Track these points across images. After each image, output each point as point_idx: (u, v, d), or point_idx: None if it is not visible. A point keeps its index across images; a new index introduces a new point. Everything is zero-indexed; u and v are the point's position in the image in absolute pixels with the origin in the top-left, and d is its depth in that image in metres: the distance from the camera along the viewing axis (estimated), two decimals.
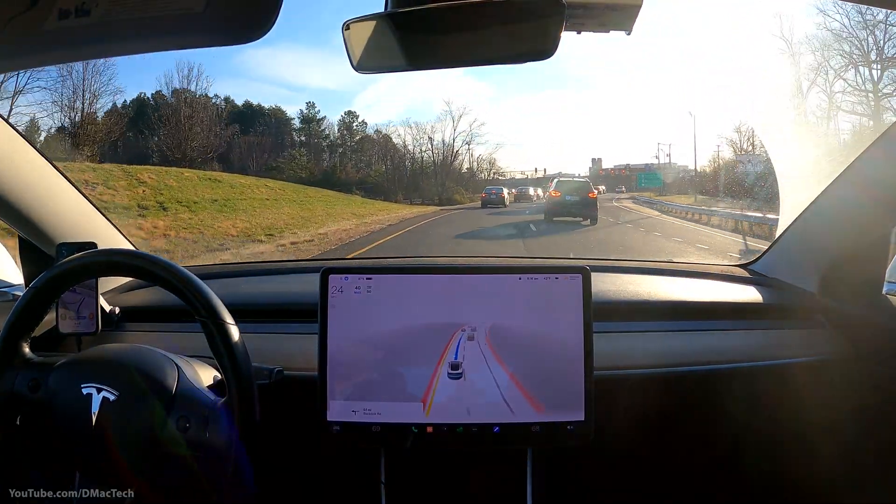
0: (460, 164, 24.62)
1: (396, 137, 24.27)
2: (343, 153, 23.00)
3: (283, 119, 22.25)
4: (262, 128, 21.04)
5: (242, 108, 21.17)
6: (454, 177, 24.04)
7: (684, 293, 1.16)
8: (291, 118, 22.52)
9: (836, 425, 1.05)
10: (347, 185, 20.55)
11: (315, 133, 22.84)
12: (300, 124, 22.66)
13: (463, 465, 0.93)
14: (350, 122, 23.29)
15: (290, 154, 21.18)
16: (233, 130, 19.61)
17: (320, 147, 22.57)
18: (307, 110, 22.85)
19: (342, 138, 23.08)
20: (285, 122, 22.22)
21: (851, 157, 0.98)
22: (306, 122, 22.73)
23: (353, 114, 23.64)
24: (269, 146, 20.45)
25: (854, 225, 1.05)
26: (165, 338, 1.05)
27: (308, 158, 21.60)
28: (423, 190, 22.60)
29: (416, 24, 0.69)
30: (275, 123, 21.58)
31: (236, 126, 19.86)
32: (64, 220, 1.07)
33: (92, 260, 0.76)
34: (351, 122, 23.29)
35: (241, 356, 0.73)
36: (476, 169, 24.72)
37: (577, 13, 0.78)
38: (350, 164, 22.65)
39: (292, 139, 21.85)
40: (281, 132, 21.50)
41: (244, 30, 0.57)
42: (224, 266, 1.45)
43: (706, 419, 1.08)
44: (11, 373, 0.73)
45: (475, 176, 24.74)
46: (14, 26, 0.55)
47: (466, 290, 0.85)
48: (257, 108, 21.64)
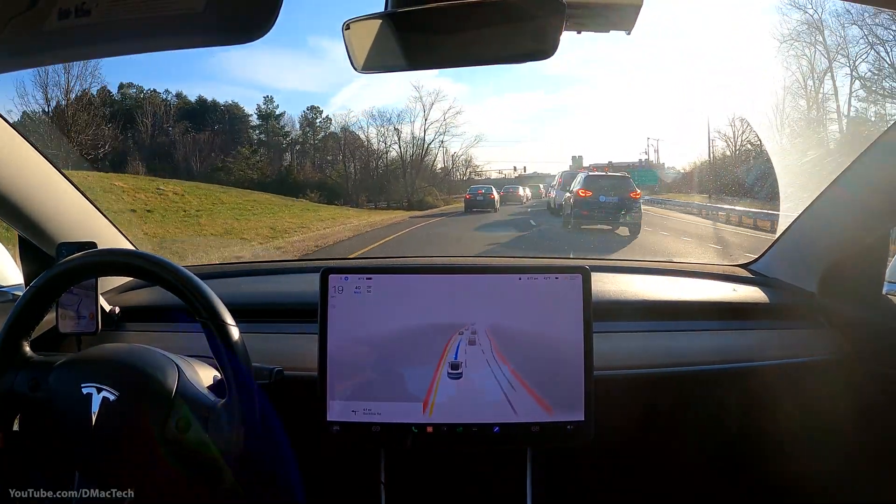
0: (433, 161, 21.38)
1: (358, 130, 21.43)
2: (302, 151, 20.68)
3: (240, 116, 20.13)
4: (218, 125, 19.12)
5: (195, 105, 19.23)
6: (426, 176, 20.96)
7: (684, 293, 1.16)
8: (249, 115, 20.39)
9: (836, 425, 1.05)
10: (304, 186, 18.20)
11: (273, 130, 20.50)
12: (258, 121, 20.41)
13: (463, 465, 0.93)
14: (313, 118, 20.73)
15: (239, 153, 18.75)
16: (183, 127, 17.89)
17: (278, 145, 20.40)
18: (265, 105, 20.52)
19: (304, 136, 20.73)
20: (242, 118, 20.10)
21: (852, 157, 0.98)
22: (263, 118, 20.41)
23: (316, 109, 21.02)
24: (219, 144, 18.46)
25: (854, 225, 1.05)
26: (165, 338, 1.05)
27: (260, 157, 19.34)
28: (390, 191, 19.94)
29: (417, 24, 0.69)
30: (229, 120, 19.57)
31: (186, 123, 18.07)
32: (64, 219, 1.07)
33: (92, 259, 0.76)
34: (314, 119, 20.75)
35: (242, 356, 0.73)
36: (451, 166, 21.67)
37: (577, 13, 0.78)
38: (309, 163, 20.37)
39: (249, 136, 19.92)
40: (236, 129, 19.72)
41: (244, 30, 0.57)
42: (224, 266, 1.45)
43: (706, 419, 1.08)
44: (11, 372, 0.73)
45: (450, 175, 21.84)
46: (14, 26, 0.55)
47: (466, 290, 0.85)
48: (211, 104, 19.51)
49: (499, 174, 21.81)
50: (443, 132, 21.79)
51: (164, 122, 17.27)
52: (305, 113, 21.00)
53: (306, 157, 20.52)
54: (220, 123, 19.21)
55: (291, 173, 19.34)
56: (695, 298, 1.14)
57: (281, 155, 20.26)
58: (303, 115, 20.91)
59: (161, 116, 17.43)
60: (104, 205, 1.23)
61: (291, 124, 20.74)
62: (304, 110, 21.77)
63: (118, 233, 1.22)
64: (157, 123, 17.21)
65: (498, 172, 22.00)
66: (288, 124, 20.66)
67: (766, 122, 14.83)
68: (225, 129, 19.24)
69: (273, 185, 17.38)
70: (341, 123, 21.16)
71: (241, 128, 19.84)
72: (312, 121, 20.77)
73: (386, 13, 0.67)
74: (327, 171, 20.25)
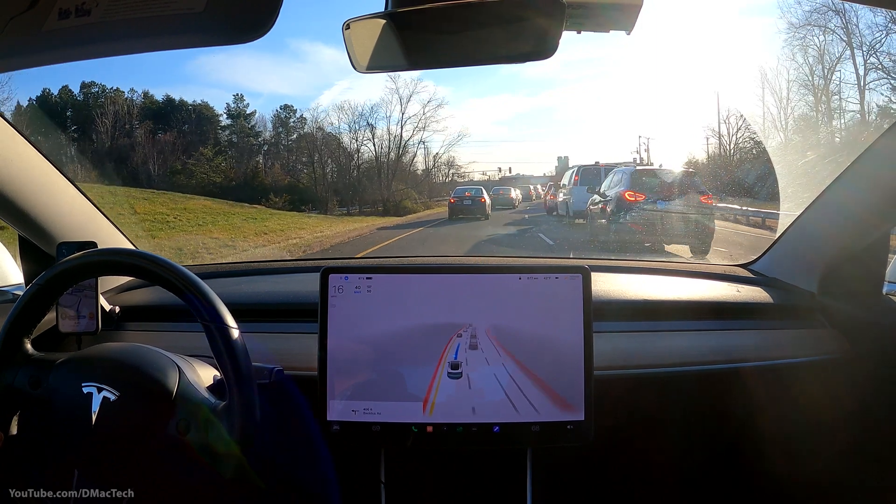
0: (411, 160, 19.32)
1: (329, 126, 19.66)
2: (274, 153, 19.14)
3: (209, 116, 18.75)
4: (186, 125, 17.83)
5: (162, 104, 18.00)
6: (404, 177, 18.75)
7: (684, 293, 1.16)
8: (219, 115, 19.11)
9: (836, 425, 1.05)
10: (271, 190, 16.62)
11: (243, 130, 19.10)
12: (228, 121, 19.08)
13: (463, 464, 0.93)
14: (286, 117, 19.32)
15: (202, 154, 17.26)
16: (147, 128, 16.58)
17: (248, 146, 18.97)
18: (234, 104, 19.14)
19: (276, 136, 19.36)
20: (211, 119, 18.77)
21: (852, 157, 0.98)
22: (233, 117, 19.05)
23: (289, 108, 19.52)
24: (181, 146, 17.13)
25: (854, 225, 1.05)
26: (166, 337, 1.05)
27: (224, 159, 17.84)
28: (364, 194, 17.88)
29: (417, 24, 0.69)
30: (197, 120, 18.26)
31: (150, 123, 16.80)
32: (64, 219, 1.07)
33: (92, 259, 0.76)
34: (287, 118, 19.34)
35: (242, 357, 0.73)
36: (432, 166, 19.43)
37: (578, 13, 0.78)
38: (279, 165, 18.82)
39: (216, 137, 18.51)
40: (204, 130, 18.39)
41: (244, 30, 0.57)
42: (224, 266, 1.45)
43: (706, 419, 1.08)
44: (12, 369, 0.73)
45: (431, 176, 19.76)
46: (14, 26, 0.55)
47: (466, 290, 0.85)
48: (179, 103, 18.22)
49: (482, 175, 20.58)
50: (422, 128, 19.76)
51: (126, 123, 16.19)
52: (278, 112, 19.71)
53: (277, 159, 19.20)
54: (187, 124, 18.06)
55: (258, 176, 18.03)
56: (695, 298, 1.14)
57: (249, 156, 18.92)
58: (275, 115, 19.69)
59: (123, 117, 16.33)
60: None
61: (264, 124, 19.56)
62: (276, 109, 20.20)
63: (118, 233, 1.22)
64: (119, 124, 16.11)
65: (482, 174, 20.86)
66: (259, 124, 19.49)
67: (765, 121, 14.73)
68: (192, 129, 18.06)
69: (237, 189, 16.14)
70: (315, 123, 19.67)
71: (209, 128, 18.67)
72: (286, 120, 19.46)
73: (386, 13, 0.67)
74: (299, 173, 18.70)
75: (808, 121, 14.58)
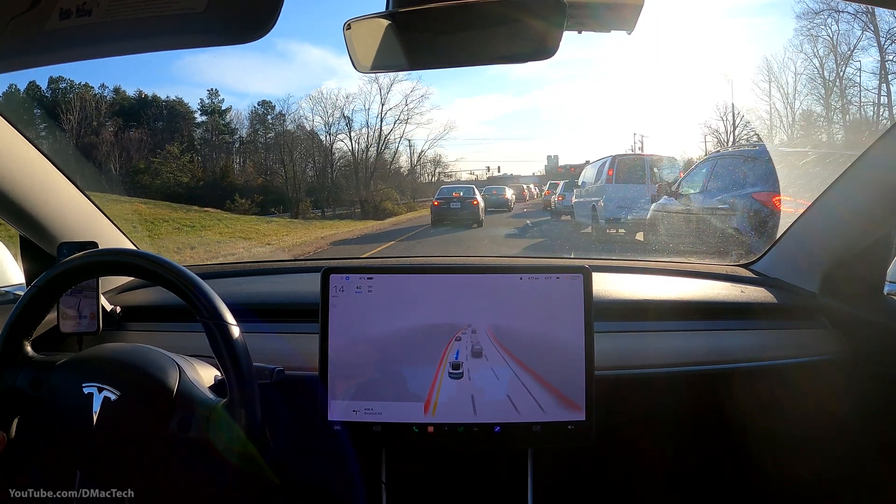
0: (393, 157, 17.41)
1: (304, 120, 18.07)
2: (251, 150, 17.65)
3: (183, 112, 17.62)
4: (160, 122, 16.78)
5: (133, 100, 16.93)
6: (385, 175, 16.77)
7: (685, 293, 1.16)
8: (194, 111, 17.96)
9: (837, 425, 1.05)
10: (241, 191, 15.27)
11: (218, 127, 17.84)
12: (202, 117, 17.87)
13: (464, 464, 0.93)
14: (264, 114, 17.87)
15: (169, 152, 15.89)
16: (116, 124, 15.43)
17: (222, 144, 17.70)
18: (209, 100, 17.89)
19: (253, 133, 17.95)
20: (185, 115, 17.60)
21: (853, 157, 0.98)
22: (207, 113, 17.82)
23: (268, 105, 18.01)
24: (148, 144, 15.90)
25: (855, 225, 1.04)
26: (166, 337, 1.05)
27: (192, 157, 16.39)
28: (341, 195, 16.11)
29: (418, 24, 0.69)
30: (168, 116, 17.26)
31: (119, 120, 15.73)
32: (65, 219, 1.07)
33: (93, 259, 0.76)
34: (265, 115, 17.87)
35: (243, 357, 0.73)
36: (416, 163, 17.28)
37: (578, 13, 0.78)
38: (252, 164, 17.53)
39: (190, 134, 17.30)
40: (177, 127, 17.29)
41: (245, 30, 0.57)
42: (225, 266, 1.45)
43: (707, 419, 1.08)
44: (13, 370, 0.73)
45: (416, 175, 17.86)
46: (15, 26, 0.55)
47: (467, 290, 0.85)
48: (152, 99, 17.06)
49: (470, 175, 19.21)
50: (404, 120, 17.41)
51: (94, 120, 15.04)
52: (256, 108, 18.36)
53: (253, 157, 17.87)
54: (160, 121, 16.99)
55: (228, 175, 16.70)
56: (696, 298, 1.14)
57: (220, 155, 17.57)
58: (253, 111, 18.26)
59: (91, 113, 15.17)
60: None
61: (240, 122, 18.23)
62: (255, 105, 18.75)
63: (119, 233, 1.22)
64: (87, 121, 14.99)
65: (469, 173, 19.50)
66: (236, 121, 18.17)
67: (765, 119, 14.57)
68: (164, 127, 16.95)
69: (204, 190, 14.99)
70: (286, 115, 18.11)
71: (182, 125, 17.50)
72: (264, 117, 18.01)
73: (387, 13, 0.67)
74: (274, 172, 17.03)
75: (808, 118, 14.52)
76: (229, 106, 18.37)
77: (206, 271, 1.36)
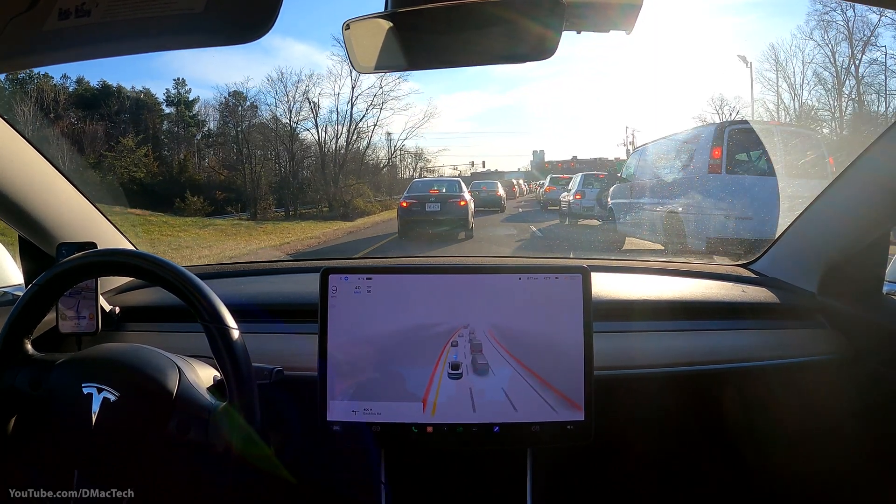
0: (366, 148, 15.42)
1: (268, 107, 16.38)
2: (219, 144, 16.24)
3: (150, 104, 16.36)
4: (127, 114, 15.63)
5: (96, 90, 15.71)
6: (357, 168, 14.74)
7: (684, 293, 1.16)
8: (161, 102, 16.79)
9: (837, 425, 1.05)
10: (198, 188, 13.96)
11: (184, 119, 16.58)
12: (168, 109, 16.63)
13: (463, 464, 0.93)
14: (235, 105, 16.31)
15: (123, 146, 14.37)
16: (76, 116, 14.26)
17: (185, 136, 16.40)
18: (175, 90, 16.70)
19: (223, 126, 16.44)
20: (151, 106, 16.38)
21: (852, 156, 0.98)
22: (173, 104, 16.63)
23: (239, 95, 16.32)
24: (103, 137, 14.47)
25: (854, 225, 1.05)
26: (166, 338, 1.05)
27: (147, 151, 14.86)
28: (307, 192, 14.38)
29: (417, 24, 0.69)
30: (133, 108, 15.89)
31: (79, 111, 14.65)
32: (64, 220, 1.07)
33: (92, 260, 0.76)
34: (236, 107, 16.31)
35: (242, 358, 0.73)
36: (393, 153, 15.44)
37: (577, 13, 0.78)
38: (215, 158, 16.08)
39: (154, 126, 15.91)
40: (140, 118, 15.93)
41: (244, 30, 0.57)
42: (224, 266, 1.45)
43: (706, 419, 1.08)
44: (13, 369, 0.73)
45: (393, 168, 16.10)
46: (14, 26, 0.55)
47: (466, 290, 0.85)
48: (116, 89, 15.75)
49: (454, 170, 17.76)
50: (379, 105, 15.26)
51: (51, 112, 13.95)
52: (227, 99, 16.62)
53: (217, 151, 16.52)
54: (123, 112, 15.71)
55: (186, 170, 15.26)
56: (695, 298, 1.14)
57: (183, 148, 16.26)
58: (223, 103, 16.64)
59: (49, 105, 14.03)
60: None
61: (210, 113, 16.88)
62: (225, 96, 16.88)
63: (118, 233, 1.22)
64: (43, 113, 13.90)
65: (453, 168, 18.06)
66: (203, 112, 16.70)
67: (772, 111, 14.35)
68: (128, 119, 15.71)
69: (161, 186, 13.82)
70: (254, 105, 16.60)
71: (147, 117, 16.17)
72: (234, 108, 16.44)
73: (386, 13, 0.68)
74: (235, 167, 15.40)
75: (808, 118, 14.46)
76: (197, 96, 17.16)
77: (206, 271, 1.36)
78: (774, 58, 15.36)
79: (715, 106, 16.57)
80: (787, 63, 14.79)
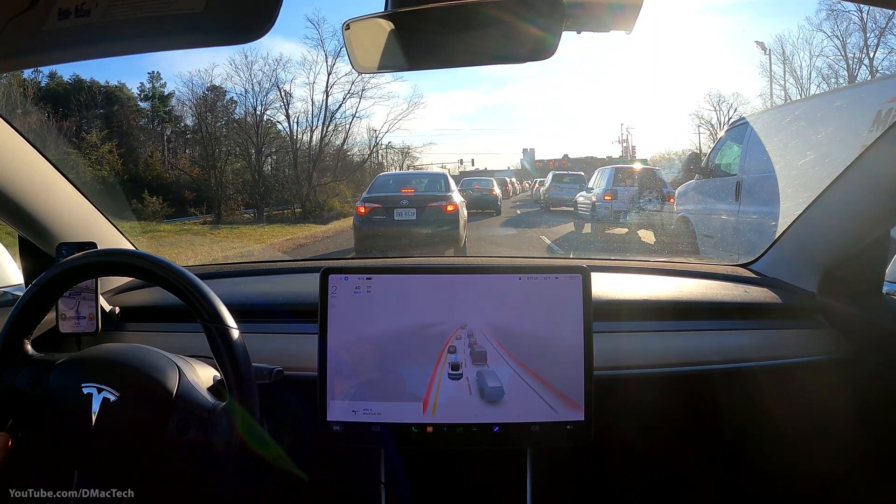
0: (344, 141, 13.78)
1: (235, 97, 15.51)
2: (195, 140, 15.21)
3: (123, 98, 15.75)
4: (97, 109, 14.96)
5: (68, 84, 15.09)
6: (333, 165, 13.22)
7: (684, 293, 1.16)
8: (136, 97, 16.20)
9: (836, 425, 1.05)
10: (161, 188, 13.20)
11: (159, 114, 15.83)
12: (143, 104, 15.94)
13: (463, 464, 0.93)
14: (214, 100, 15.38)
15: (86, 142, 13.38)
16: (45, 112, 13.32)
17: (161, 133, 15.69)
18: (149, 84, 15.96)
19: (200, 122, 15.37)
20: (125, 101, 15.83)
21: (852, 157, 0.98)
22: (147, 98, 15.99)
23: (218, 89, 15.39)
24: (69, 133, 13.59)
25: (853, 225, 1.05)
26: (165, 337, 1.05)
27: (111, 148, 13.89)
28: (279, 191, 13.20)
29: (417, 24, 0.69)
30: (103, 102, 15.22)
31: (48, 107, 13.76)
32: (64, 220, 1.07)
33: (92, 260, 0.76)
34: (215, 101, 15.39)
35: (242, 358, 0.73)
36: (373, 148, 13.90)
37: (577, 13, 0.78)
38: (187, 155, 15.18)
39: (126, 122, 15.16)
40: (114, 114, 15.27)
41: (244, 30, 0.57)
42: (224, 266, 1.45)
43: (706, 419, 1.08)
44: (13, 370, 0.73)
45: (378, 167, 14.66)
46: (14, 26, 0.55)
47: (466, 290, 0.85)
48: (90, 84, 14.98)
49: (441, 168, 16.32)
50: (357, 94, 13.50)
51: (18, 107, 13.04)
52: (206, 94, 15.58)
53: (189, 147, 15.66)
54: (95, 107, 14.97)
55: (152, 168, 14.47)
56: (694, 298, 1.14)
57: (151, 144, 15.42)
58: (201, 98, 15.59)
59: (17, 100, 13.07)
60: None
61: (184, 107, 15.99)
62: (203, 91, 15.82)
63: (118, 233, 1.22)
64: (10, 108, 12.97)
65: (441, 166, 16.68)
66: (177, 107, 16.06)
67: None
68: (102, 114, 14.95)
69: (127, 185, 12.88)
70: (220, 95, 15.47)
71: (122, 113, 15.55)
72: (213, 103, 15.43)
73: (386, 13, 0.68)
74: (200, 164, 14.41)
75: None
76: (172, 91, 16.38)
77: (206, 271, 1.36)
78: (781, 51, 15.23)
79: (712, 103, 16.51)
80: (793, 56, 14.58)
